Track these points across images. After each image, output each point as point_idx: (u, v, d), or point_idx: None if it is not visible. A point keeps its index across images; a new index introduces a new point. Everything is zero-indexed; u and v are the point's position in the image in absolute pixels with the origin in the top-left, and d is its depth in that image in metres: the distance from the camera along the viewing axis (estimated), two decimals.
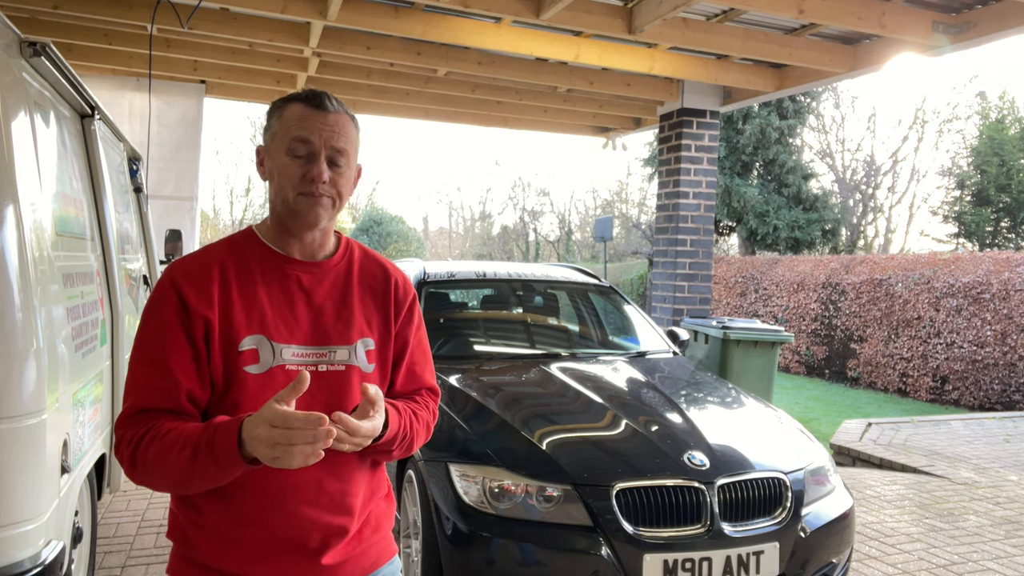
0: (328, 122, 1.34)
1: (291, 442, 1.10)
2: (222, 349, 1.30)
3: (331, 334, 1.38)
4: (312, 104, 1.34)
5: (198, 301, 1.30)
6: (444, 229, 40.52)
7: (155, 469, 1.22)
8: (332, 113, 1.35)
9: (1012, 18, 5.11)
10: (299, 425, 1.10)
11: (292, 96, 1.37)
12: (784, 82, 7.09)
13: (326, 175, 1.33)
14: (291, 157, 1.33)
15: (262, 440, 1.11)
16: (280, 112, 1.37)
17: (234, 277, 1.35)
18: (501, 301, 4.96)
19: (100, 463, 2.98)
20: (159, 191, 7.64)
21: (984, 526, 4.45)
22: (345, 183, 1.38)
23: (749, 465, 2.85)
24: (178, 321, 1.29)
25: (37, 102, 2.36)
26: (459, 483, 2.76)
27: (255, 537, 1.32)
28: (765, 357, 5.97)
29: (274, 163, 1.36)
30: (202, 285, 1.32)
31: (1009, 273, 9.24)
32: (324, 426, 1.10)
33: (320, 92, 1.36)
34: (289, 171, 1.33)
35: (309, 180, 1.33)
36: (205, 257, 1.38)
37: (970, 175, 20.50)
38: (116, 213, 3.45)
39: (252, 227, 1.45)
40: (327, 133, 1.33)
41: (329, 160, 1.34)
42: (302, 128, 1.32)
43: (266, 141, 1.39)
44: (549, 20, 5.34)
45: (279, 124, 1.35)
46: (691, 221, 7.59)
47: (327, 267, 1.43)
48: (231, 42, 6.64)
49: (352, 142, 1.38)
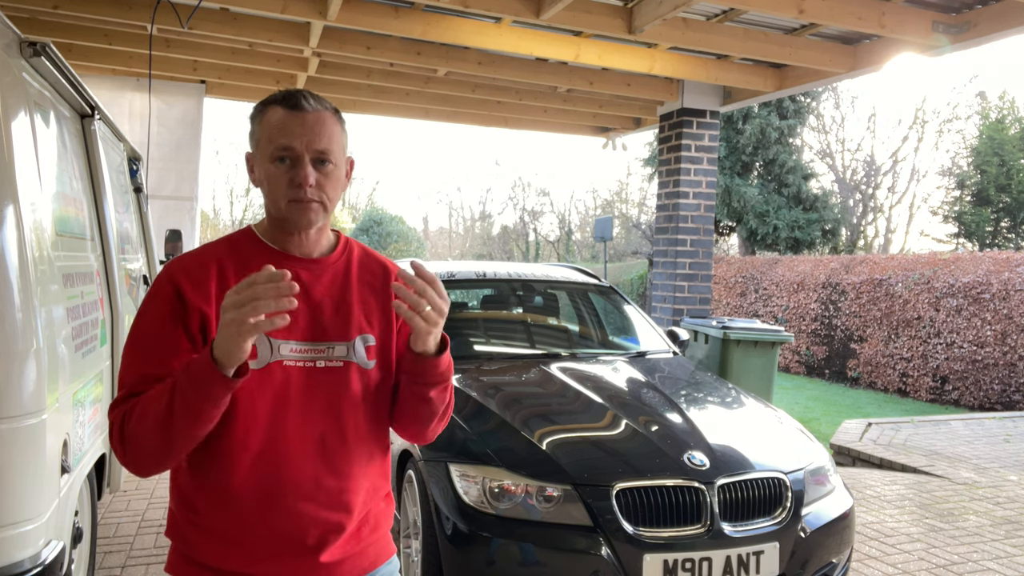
0: (308, 123, 1.33)
1: (256, 297, 1.09)
2: None
3: (329, 330, 1.39)
4: (289, 106, 1.33)
5: (195, 295, 1.31)
6: (444, 229, 40.54)
7: (138, 432, 1.22)
8: (311, 112, 1.34)
9: (1012, 18, 5.11)
10: (262, 280, 1.09)
11: (270, 99, 1.37)
12: (784, 82, 7.09)
13: (312, 178, 1.33)
14: (276, 164, 1.33)
15: (227, 311, 1.10)
16: (260, 118, 1.36)
17: (232, 274, 1.36)
18: (501, 301, 4.96)
19: (100, 463, 2.98)
20: (159, 191, 7.64)
21: (984, 526, 4.45)
22: (334, 183, 1.37)
23: (749, 465, 2.85)
24: (173, 314, 1.30)
25: (37, 102, 2.36)
26: (459, 483, 2.76)
27: (253, 535, 1.32)
28: (765, 357, 5.97)
29: (262, 170, 1.36)
30: (200, 280, 1.33)
31: (1009, 273, 9.25)
32: (287, 280, 1.09)
33: (296, 92, 1.35)
34: (276, 178, 1.34)
35: (296, 185, 1.32)
36: (203, 254, 1.39)
37: (970, 175, 20.50)
38: (116, 213, 3.45)
39: (251, 226, 1.45)
40: (308, 136, 1.32)
41: (314, 161, 1.34)
42: (282, 135, 1.32)
43: (252, 148, 1.39)
44: (549, 20, 5.34)
45: (261, 131, 1.35)
46: (691, 221, 7.59)
47: (325, 264, 1.43)
48: (231, 42, 6.64)
49: (335, 139, 1.37)
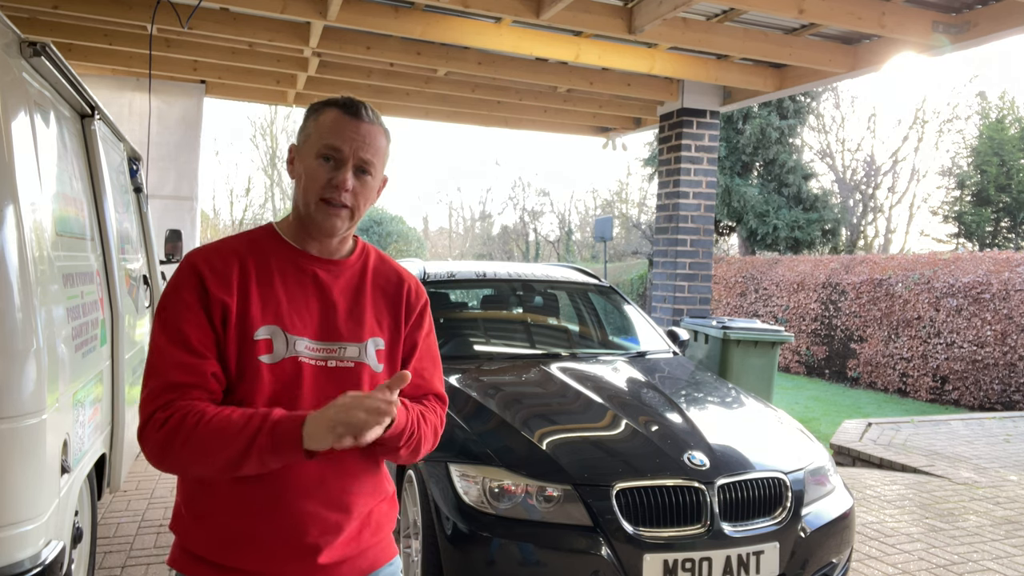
0: (360, 132, 1.37)
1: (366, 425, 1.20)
2: (237, 336, 1.33)
3: (343, 331, 1.41)
4: (348, 112, 1.37)
5: (217, 286, 1.33)
6: (444, 229, 40.50)
7: (198, 453, 1.24)
8: (366, 123, 1.38)
9: (1012, 18, 5.11)
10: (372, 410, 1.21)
11: (330, 101, 1.40)
12: (784, 82, 7.09)
13: (350, 183, 1.36)
14: (320, 161, 1.36)
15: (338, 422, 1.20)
16: (316, 116, 1.40)
17: (253, 268, 1.38)
18: (501, 301, 4.96)
19: (100, 463, 2.98)
20: (159, 191, 7.64)
21: (984, 526, 4.45)
22: (368, 193, 1.41)
23: (749, 465, 2.85)
24: (199, 302, 1.32)
25: (37, 102, 2.36)
26: (459, 483, 2.76)
27: (253, 530, 1.33)
28: (765, 357, 5.97)
29: (303, 164, 1.39)
30: (222, 272, 1.35)
31: (1009, 273, 9.24)
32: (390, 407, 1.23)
33: (357, 101, 1.39)
34: (316, 175, 1.37)
35: (334, 186, 1.36)
36: (225, 247, 1.41)
37: (970, 175, 20.49)
38: (116, 213, 3.45)
39: (272, 223, 1.48)
40: (358, 143, 1.36)
41: (356, 168, 1.37)
42: (334, 135, 1.36)
43: (299, 142, 1.43)
44: (549, 20, 5.34)
45: (314, 127, 1.39)
46: (691, 221, 7.59)
47: (344, 266, 1.46)
48: (231, 42, 6.64)
49: (381, 154, 1.41)
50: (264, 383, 1.31)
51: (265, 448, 1.22)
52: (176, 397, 1.27)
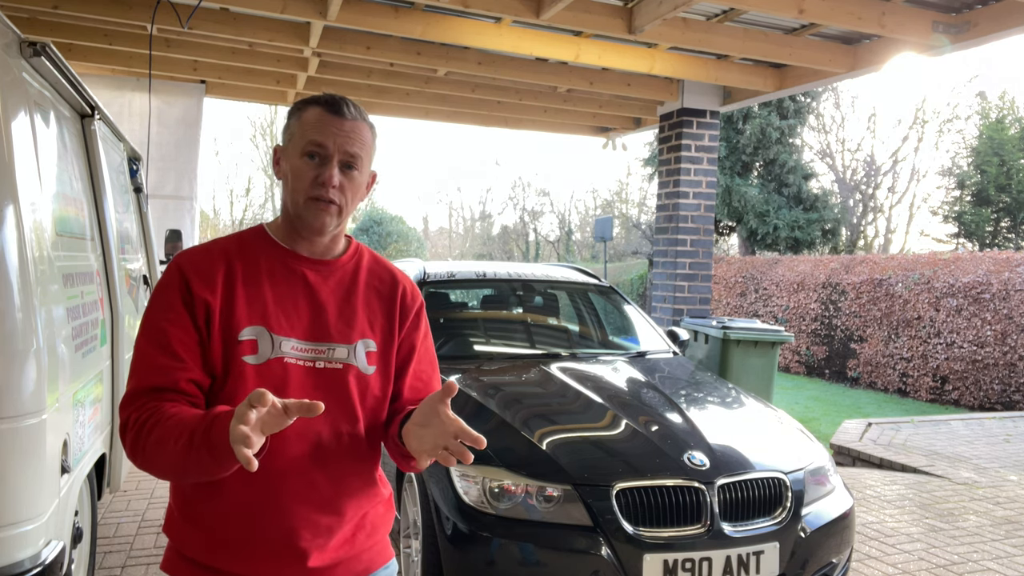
0: (344, 128, 1.36)
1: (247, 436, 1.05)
2: (222, 336, 1.32)
3: (332, 332, 1.39)
4: (330, 109, 1.36)
5: (201, 286, 1.33)
6: (444, 229, 40.51)
7: (154, 456, 1.21)
8: (349, 120, 1.37)
9: (1012, 18, 5.11)
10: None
11: (312, 99, 1.39)
12: (784, 82, 7.08)
13: (336, 179, 1.35)
14: (305, 159, 1.35)
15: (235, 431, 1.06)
16: (299, 115, 1.39)
17: (240, 269, 1.37)
18: (501, 301, 4.96)
19: (100, 463, 2.98)
20: (159, 191, 7.64)
21: (984, 526, 4.45)
22: (355, 189, 1.39)
23: (749, 465, 2.85)
24: (182, 304, 1.31)
25: (37, 102, 2.36)
26: (459, 483, 2.76)
27: (244, 534, 1.32)
28: (765, 357, 5.97)
29: (289, 164, 1.38)
30: (207, 272, 1.35)
31: (1009, 273, 9.24)
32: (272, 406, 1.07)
33: (339, 98, 1.38)
34: (302, 173, 1.35)
35: (320, 183, 1.34)
36: (213, 247, 1.41)
37: (970, 175, 20.48)
38: (116, 213, 3.45)
39: (263, 224, 1.47)
40: (342, 138, 1.35)
41: (342, 164, 1.36)
42: (318, 132, 1.34)
43: (284, 142, 1.42)
44: (549, 20, 5.34)
45: (297, 126, 1.38)
46: (691, 221, 7.59)
47: (334, 266, 1.45)
48: (231, 42, 6.64)
49: (367, 148, 1.40)
50: (249, 384, 1.30)
51: (201, 445, 1.13)
52: (149, 400, 1.25)
